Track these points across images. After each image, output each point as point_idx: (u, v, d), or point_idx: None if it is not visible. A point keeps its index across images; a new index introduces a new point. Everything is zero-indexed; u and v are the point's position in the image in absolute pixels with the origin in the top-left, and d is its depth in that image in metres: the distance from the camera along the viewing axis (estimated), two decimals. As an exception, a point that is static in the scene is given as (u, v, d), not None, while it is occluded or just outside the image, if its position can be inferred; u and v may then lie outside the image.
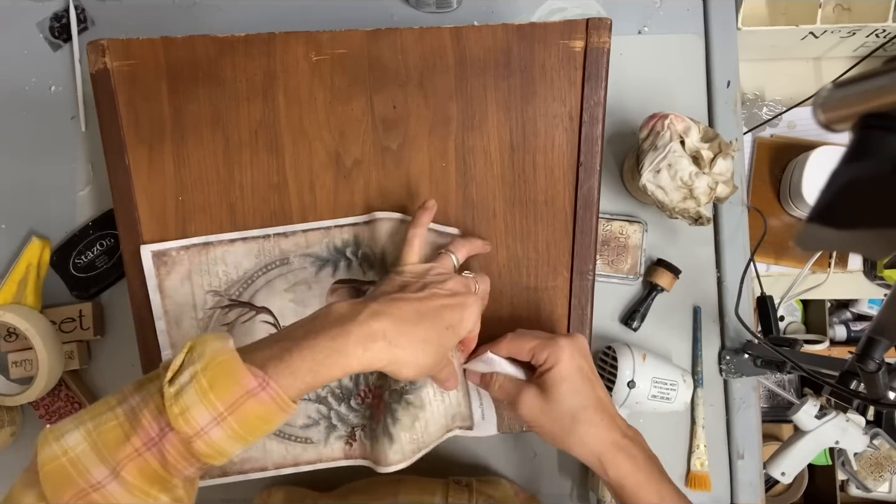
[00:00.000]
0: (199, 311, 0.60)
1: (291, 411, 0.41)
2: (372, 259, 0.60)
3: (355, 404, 0.59)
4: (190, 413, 0.38)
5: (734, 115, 0.77)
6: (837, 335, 1.19)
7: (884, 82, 0.32)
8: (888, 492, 1.23)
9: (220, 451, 0.39)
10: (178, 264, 0.60)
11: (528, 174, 0.61)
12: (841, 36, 0.93)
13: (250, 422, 0.39)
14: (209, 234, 0.60)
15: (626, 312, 0.74)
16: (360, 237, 0.60)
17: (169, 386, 0.39)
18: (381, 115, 0.60)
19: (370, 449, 0.59)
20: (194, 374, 0.39)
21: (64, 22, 0.77)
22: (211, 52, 0.59)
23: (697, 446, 0.73)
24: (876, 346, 0.49)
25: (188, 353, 0.40)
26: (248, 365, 0.40)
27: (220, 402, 0.38)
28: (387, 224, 0.59)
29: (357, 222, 0.60)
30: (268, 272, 0.60)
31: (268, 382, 0.39)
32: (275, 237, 0.60)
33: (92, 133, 0.75)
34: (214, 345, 0.40)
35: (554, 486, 0.74)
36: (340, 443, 0.59)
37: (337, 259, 0.60)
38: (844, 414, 0.79)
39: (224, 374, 0.39)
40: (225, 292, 0.60)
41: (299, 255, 0.60)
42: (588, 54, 0.59)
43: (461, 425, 0.60)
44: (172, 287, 0.60)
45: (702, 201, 0.64)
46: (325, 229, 0.60)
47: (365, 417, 0.59)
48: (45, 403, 0.72)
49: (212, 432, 0.38)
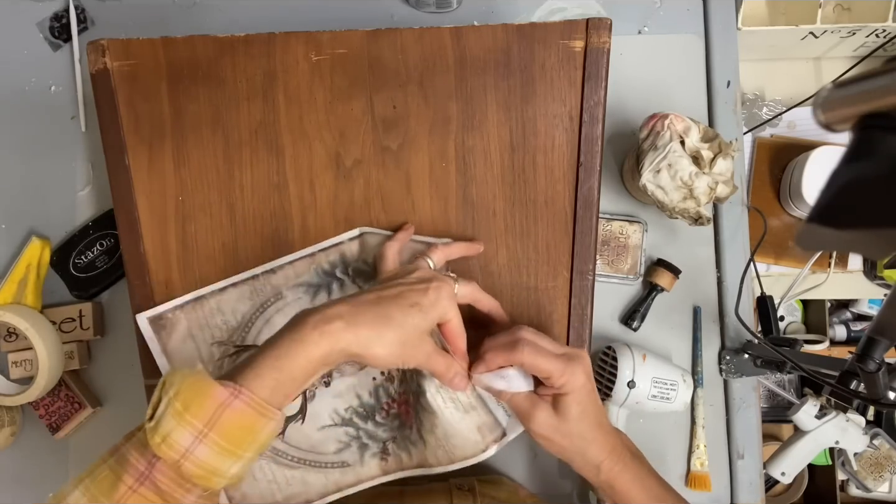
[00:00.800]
0: (208, 365, 0.60)
1: (274, 416, 0.42)
2: (367, 272, 0.60)
3: (381, 419, 0.59)
4: (171, 437, 0.39)
5: (734, 115, 0.77)
6: (837, 335, 1.19)
7: (884, 82, 0.32)
8: (888, 492, 1.23)
9: (211, 469, 0.40)
10: (176, 324, 0.60)
11: (528, 174, 0.61)
12: (841, 36, 0.93)
13: (233, 433, 0.40)
14: (198, 289, 0.60)
15: (626, 312, 0.74)
16: (347, 255, 0.60)
17: (149, 421, 0.40)
18: (381, 115, 0.60)
19: (410, 457, 0.58)
20: (168, 401, 0.39)
21: (64, 22, 0.77)
22: (211, 52, 0.59)
23: (697, 446, 0.73)
24: (876, 346, 0.49)
25: (162, 388, 0.41)
26: (219, 380, 0.41)
27: (196, 419, 0.39)
28: (374, 238, 0.60)
29: (341, 241, 0.60)
30: (265, 311, 0.60)
31: (239, 390, 0.40)
32: (263, 275, 0.60)
33: (92, 133, 0.75)
34: (183, 372, 0.41)
35: (554, 487, 0.74)
36: (376, 460, 0.59)
37: (329, 282, 0.60)
38: (844, 414, 0.79)
39: (195, 393, 0.40)
40: (229, 340, 0.60)
41: (291, 287, 0.60)
42: (588, 54, 0.59)
43: (495, 438, 0.58)
44: (176, 348, 0.60)
45: (702, 201, 0.64)
46: (310, 256, 0.60)
47: (394, 429, 0.59)
48: (45, 403, 0.72)
49: (197, 451, 0.39)
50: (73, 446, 0.73)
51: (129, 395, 0.73)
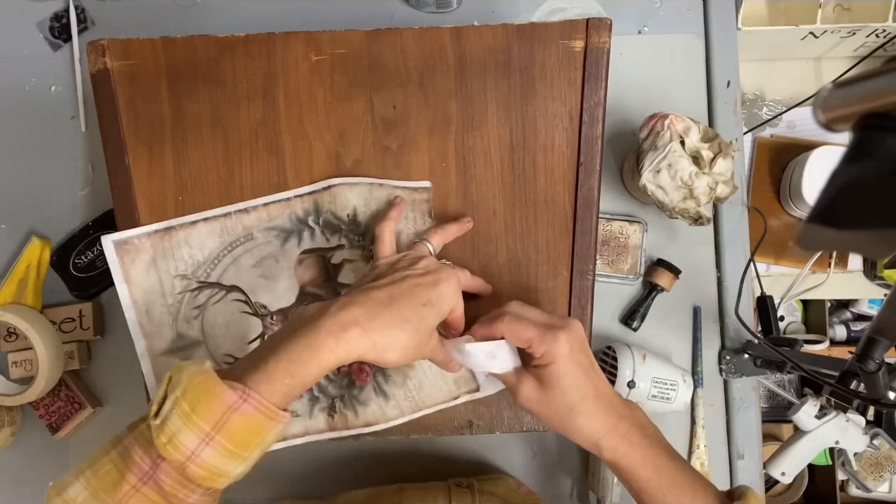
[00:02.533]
0: (168, 298, 0.59)
1: (282, 419, 0.41)
2: (335, 224, 0.60)
3: (332, 375, 0.59)
4: (177, 439, 0.38)
5: (734, 115, 0.77)
6: (837, 335, 1.19)
7: (884, 82, 0.32)
8: (888, 492, 1.23)
9: (217, 472, 0.39)
10: (141, 252, 0.59)
11: (528, 174, 0.61)
12: (841, 36, 0.93)
13: (240, 437, 0.39)
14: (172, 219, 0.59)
15: (626, 312, 0.74)
16: (321, 204, 0.60)
17: (154, 418, 0.39)
18: (381, 115, 0.60)
19: (356, 415, 0.59)
20: (175, 400, 0.39)
21: (64, 22, 0.77)
22: (211, 52, 0.59)
23: (697, 446, 0.73)
24: (876, 346, 0.49)
25: (168, 384, 0.40)
26: (227, 381, 0.40)
27: (204, 422, 0.38)
28: (355, 189, 0.59)
29: (316, 189, 0.60)
30: (233, 250, 0.59)
31: (248, 394, 0.39)
32: (236, 214, 0.60)
33: (92, 133, 0.75)
34: (191, 369, 0.40)
35: (554, 486, 0.74)
36: (323, 415, 0.59)
37: (301, 229, 0.60)
38: (844, 414, 0.79)
39: (203, 394, 0.39)
40: (192, 275, 0.59)
41: (263, 229, 0.60)
42: (588, 54, 0.59)
43: (467, 389, 0.59)
44: (138, 275, 0.59)
45: (702, 201, 0.64)
46: (285, 200, 0.60)
47: (342, 387, 0.59)
48: (45, 403, 0.72)
49: (203, 454, 0.38)
50: (73, 446, 0.73)
51: (129, 395, 0.73)
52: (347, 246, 0.60)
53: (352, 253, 0.60)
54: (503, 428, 0.63)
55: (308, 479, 0.73)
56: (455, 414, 0.62)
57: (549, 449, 0.74)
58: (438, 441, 0.74)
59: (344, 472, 0.73)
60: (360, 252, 0.60)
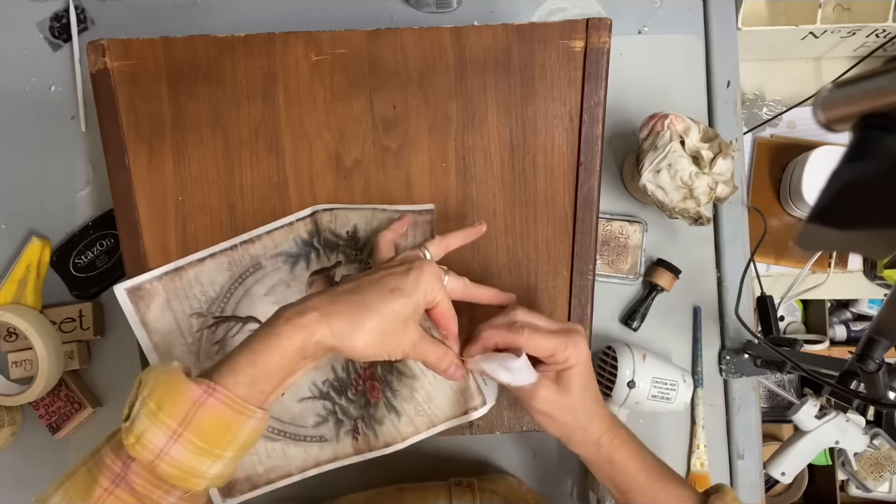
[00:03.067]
0: (187, 337, 0.59)
1: (253, 414, 0.40)
2: (333, 242, 0.60)
3: (352, 395, 0.59)
4: (145, 438, 0.38)
5: (734, 115, 0.77)
6: (837, 335, 1.19)
7: (884, 82, 0.32)
8: (888, 492, 1.23)
9: (187, 469, 0.39)
10: (154, 296, 0.59)
11: (528, 174, 0.61)
12: (841, 36, 0.93)
13: (209, 432, 0.39)
14: (179, 259, 0.60)
15: (626, 312, 0.74)
16: (321, 224, 0.60)
17: (125, 421, 0.39)
18: (381, 115, 0.60)
19: (376, 436, 0.58)
20: (143, 400, 0.39)
21: (64, 22, 0.77)
22: (211, 52, 0.59)
23: (697, 446, 0.73)
24: (876, 346, 0.49)
25: (138, 387, 0.40)
26: (194, 378, 0.40)
27: (170, 419, 0.38)
28: (357, 212, 0.59)
29: (317, 210, 0.60)
30: (244, 281, 0.60)
31: (213, 388, 0.39)
32: (242, 245, 0.60)
33: (92, 133, 0.75)
34: (157, 369, 0.40)
35: (554, 486, 0.74)
36: (349, 438, 0.59)
37: (307, 251, 0.60)
38: (844, 414, 0.79)
39: (169, 392, 0.39)
40: (207, 311, 0.60)
41: (270, 256, 0.60)
42: (588, 54, 0.59)
43: (474, 405, 0.57)
44: (154, 319, 0.59)
45: (702, 201, 0.64)
46: (288, 226, 0.60)
47: (361, 407, 0.59)
48: (45, 403, 0.72)
49: (171, 451, 0.38)
50: (73, 446, 0.73)
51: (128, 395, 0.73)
52: (345, 261, 0.60)
53: (348, 268, 0.60)
54: (503, 428, 0.63)
55: (308, 480, 0.73)
56: (455, 414, 0.62)
57: (549, 449, 0.74)
58: (439, 441, 0.74)
59: (344, 471, 0.73)
60: (357, 266, 0.60)
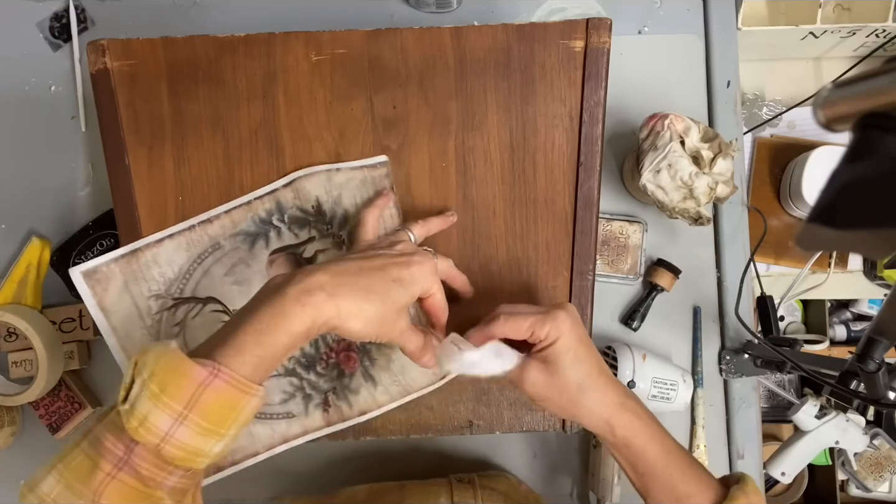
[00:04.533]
0: (146, 319, 0.59)
1: (257, 393, 0.40)
2: (303, 218, 0.60)
3: (321, 369, 0.59)
4: (149, 421, 0.37)
5: (734, 115, 0.77)
6: (837, 335, 1.19)
7: (884, 82, 0.32)
8: (888, 492, 1.23)
9: (193, 450, 0.39)
10: (111, 278, 0.59)
11: (528, 174, 0.61)
12: (841, 36, 0.93)
13: (215, 413, 0.39)
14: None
15: (626, 312, 0.74)
16: (283, 201, 0.60)
17: (123, 403, 0.38)
18: (381, 115, 0.60)
19: (350, 406, 0.59)
20: (143, 382, 0.38)
21: (64, 22, 0.77)
22: (211, 52, 0.59)
23: (697, 446, 0.73)
24: (876, 346, 0.49)
25: (135, 368, 0.39)
26: (196, 358, 0.39)
27: (175, 401, 0.38)
28: (312, 179, 0.59)
29: (276, 188, 0.60)
30: (202, 262, 0.59)
31: (218, 369, 0.39)
32: (200, 225, 0.59)
33: (92, 133, 0.75)
34: (156, 350, 0.40)
35: (554, 486, 0.74)
36: (319, 411, 0.59)
37: (266, 230, 0.60)
38: (844, 414, 0.79)
39: (172, 374, 0.38)
40: (166, 293, 0.59)
41: (228, 236, 0.60)
42: (588, 54, 0.59)
43: (447, 372, 0.57)
44: (112, 302, 0.59)
45: (702, 201, 0.64)
46: (246, 204, 0.60)
47: (333, 379, 0.59)
48: (45, 403, 0.72)
49: (178, 434, 0.38)
50: (73, 446, 0.73)
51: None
52: (318, 237, 0.60)
53: (323, 243, 0.60)
54: (503, 428, 0.63)
55: (309, 479, 0.73)
56: (455, 414, 0.62)
57: (549, 449, 0.74)
58: (439, 441, 0.74)
59: (345, 471, 0.73)
60: (331, 240, 0.60)
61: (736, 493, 0.49)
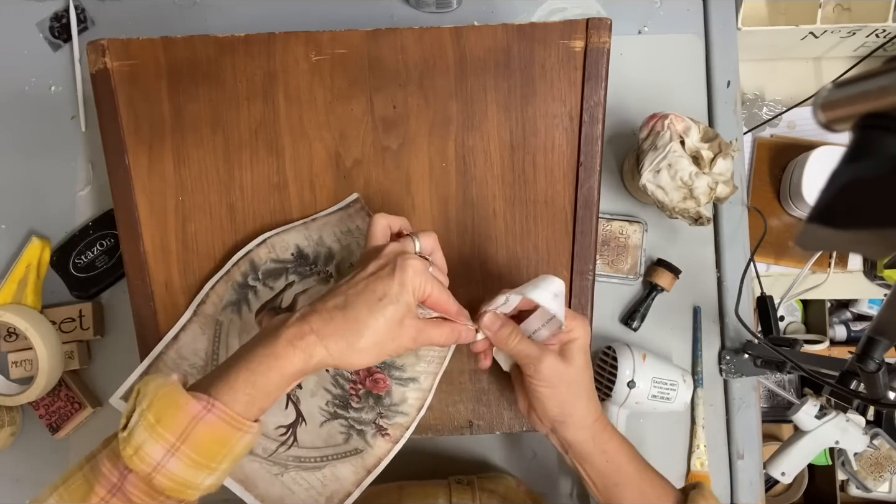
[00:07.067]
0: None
1: (249, 430, 0.41)
2: (278, 269, 0.60)
3: (356, 404, 0.59)
4: (143, 450, 0.38)
5: (734, 115, 0.77)
6: (837, 335, 1.19)
7: (884, 82, 0.32)
8: (888, 492, 1.23)
9: (183, 482, 0.39)
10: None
11: (528, 174, 0.61)
12: (841, 36, 0.93)
13: (207, 447, 0.40)
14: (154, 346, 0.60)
15: (626, 312, 0.74)
16: (256, 260, 0.60)
17: (122, 430, 0.40)
18: (381, 115, 0.60)
19: (405, 414, 0.58)
20: (141, 412, 0.39)
21: (64, 22, 0.77)
22: (211, 52, 0.59)
23: (697, 446, 0.73)
24: (876, 346, 0.49)
25: (136, 397, 0.41)
26: (192, 392, 0.40)
27: (169, 433, 0.39)
28: (290, 233, 0.60)
29: (250, 249, 0.60)
30: (220, 341, 0.60)
31: (213, 404, 0.40)
32: (199, 309, 0.60)
33: (92, 133, 0.75)
34: (157, 381, 0.41)
35: (554, 486, 0.74)
36: (378, 438, 0.59)
37: (245, 293, 0.60)
38: (844, 414, 0.79)
39: (168, 406, 0.39)
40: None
41: (220, 311, 0.60)
42: (588, 54, 0.59)
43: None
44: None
45: (702, 201, 0.64)
46: (225, 275, 0.60)
47: (372, 407, 0.59)
48: (45, 403, 0.72)
49: (169, 465, 0.39)
50: (73, 446, 0.73)
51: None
52: (298, 279, 0.60)
53: (304, 284, 0.60)
54: (503, 428, 0.63)
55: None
56: (455, 414, 0.62)
57: (549, 449, 0.74)
58: (439, 441, 0.74)
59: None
60: (315, 278, 0.60)
61: (695, 496, 0.54)
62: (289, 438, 0.57)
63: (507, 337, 0.52)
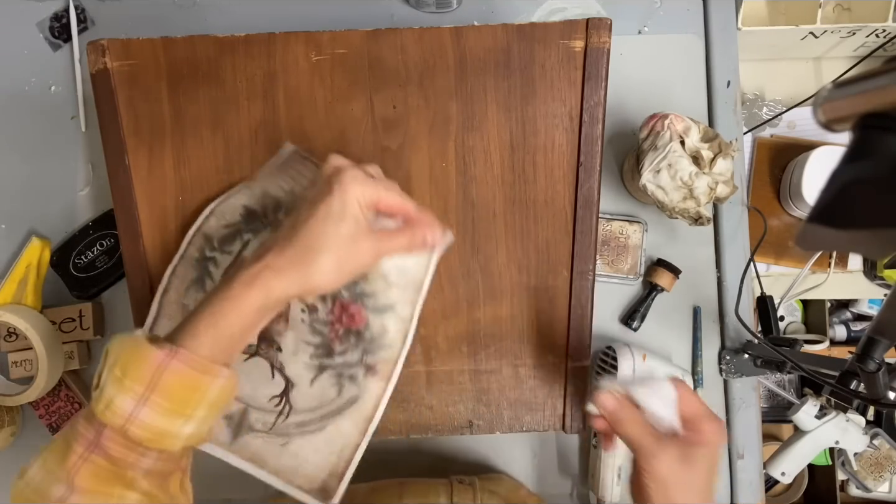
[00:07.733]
0: None
1: (220, 373, 0.42)
2: (231, 234, 0.59)
3: (339, 346, 0.58)
4: (115, 403, 0.39)
5: (734, 115, 0.77)
6: (837, 335, 1.19)
7: (884, 82, 0.32)
8: (888, 492, 1.23)
9: (159, 431, 0.40)
10: None
11: (528, 174, 0.61)
12: (841, 36, 0.93)
13: (177, 393, 0.40)
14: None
15: (626, 312, 0.74)
16: (209, 231, 0.60)
17: (94, 390, 0.41)
18: (381, 115, 0.60)
19: (390, 346, 0.57)
20: (109, 368, 0.40)
21: (64, 22, 0.77)
22: (211, 52, 0.59)
23: (697, 446, 0.73)
24: (876, 346, 0.48)
25: (105, 357, 0.42)
26: (156, 343, 0.41)
27: (136, 384, 0.39)
28: (232, 197, 0.59)
29: (199, 225, 0.60)
30: None
31: (176, 351, 0.40)
32: (163, 298, 0.60)
33: (92, 133, 0.75)
34: (122, 338, 0.42)
35: (554, 486, 0.74)
36: (370, 378, 0.58)
37: (206, 266, 0.60)
38: (844, 414, 0.79)
39: (133, 358, 0.40)
40: None
41: (184, 293, 0.60)
42: (588, 54, 0.59)
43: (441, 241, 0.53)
44: None
45: (702, 201, 0.64)
46: (181, 255, 0.60)
47: (355, 345, 0.58)
48: (45, 403, 0.72)
49: (141, 414, 0.39)
50: (73, 446, 0.73)
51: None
52: (253, 237, 0.59)
53: (259, 238, 0.59)
54: (503, 428, 0.63)
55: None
56: (455, 414, 0.62)
57: (549, 449, 0.74)
58: (439, 441, 0.74)
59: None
60: (268, 230, 0.59)
61: None
62: (284, 406, 0.57)
63: (621, 421, 0.47)
